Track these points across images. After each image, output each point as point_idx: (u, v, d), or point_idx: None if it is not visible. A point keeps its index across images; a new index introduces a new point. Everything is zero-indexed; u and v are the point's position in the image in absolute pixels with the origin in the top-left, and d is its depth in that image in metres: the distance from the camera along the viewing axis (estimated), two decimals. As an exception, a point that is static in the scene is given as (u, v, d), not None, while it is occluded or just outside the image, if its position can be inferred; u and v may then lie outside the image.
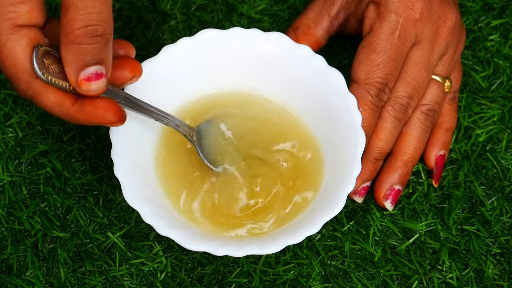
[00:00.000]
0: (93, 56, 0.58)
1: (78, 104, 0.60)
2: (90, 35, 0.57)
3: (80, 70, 0.58)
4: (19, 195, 0.72)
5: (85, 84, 0.58)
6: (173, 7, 0.81)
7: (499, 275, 0.70)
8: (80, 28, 0.56)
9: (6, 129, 0.74)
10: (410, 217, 0.72)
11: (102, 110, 0.60)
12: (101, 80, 0.59)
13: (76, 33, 0.57)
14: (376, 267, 0.70)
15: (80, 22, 0.56)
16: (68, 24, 0.56)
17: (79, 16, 0.56)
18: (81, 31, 0.57)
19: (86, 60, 0.58)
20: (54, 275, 0.69)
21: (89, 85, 0.58)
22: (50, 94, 0.59)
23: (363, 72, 0.69)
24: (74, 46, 0.57)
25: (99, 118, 0.60)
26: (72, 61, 0.58)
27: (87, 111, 0.60)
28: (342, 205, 0.63)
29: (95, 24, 0.57)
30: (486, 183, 0.74)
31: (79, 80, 0.58)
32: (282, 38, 0.69)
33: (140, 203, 0.63)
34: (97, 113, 0.60)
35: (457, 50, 0.73)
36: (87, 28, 0.57)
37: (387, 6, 0.69)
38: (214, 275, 0.69)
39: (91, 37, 0.57)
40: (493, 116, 0.76)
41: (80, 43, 0.57)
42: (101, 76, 0.59)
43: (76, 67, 0.58)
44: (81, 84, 0.58)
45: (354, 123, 0.66)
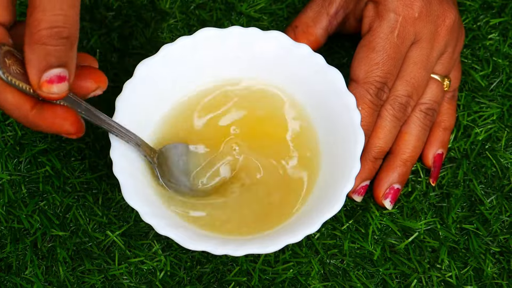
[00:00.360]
0: (57, 58, 0.56)
1: (37, 109, 0.58)
2: (55, 37, 0.56)
3: (43, 71, 0.56)
4: (18, 193, 0.72)
5: (47, 86, 0.57)
6: (172, 5, 0.81)
7: (498, 273, 0.70)
8: (46, 29, 0.55)
9: (5, 128, 0.74)
10: (409, 216, 0.72)
11: (60, 119, 0.59)
12: (64, 83, 0.57)
13: (41, 33, 0.55)
14: (375, 265, 0.70)
15: (46, 22, 0.55)
16: (34, 23, 0.55)
17: (46, 17, 0.55)
18: (47, 32, 0.55)
19: (50, 61, 0.56)
20: (53, 273, 0.69)
21: (50, 88, 0.57)
22: (8, 94, 0.58)
23: (362, 71, 0.69)
24: (39, 47, 0.56)
25: (57, 126, 0.59)
26: (36, 62, 0.56)
27: (45, 117, 0.58)
28: (341, 204, 0.63)
29: (62, 26, 0.55)
30: (485, 181, 0.74)
31: (41, 82, 0.57)
32: (281, 37, 0.69)
33: (139, 203, 0.63)
34: (55, 121, 0.58)
35: (456, 49, 0.73)
36: (53, 30, 0.55)
37: (386, 5, 0.69)
38: (213, 274, 0.69)
39: (56, 39, 0.56)
40: (492, 115, 0.76)
41: (45, 44, 0.56)
42: (64, 79, 0.57)
43: (39, 68, 0.56)
44: (43, 86, 0.57)
45: (353, 122, 0.66)
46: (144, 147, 0.66)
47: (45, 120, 0.58)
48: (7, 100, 0.58)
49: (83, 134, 0.60)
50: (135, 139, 0.65)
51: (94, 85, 0.61)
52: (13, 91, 0.58)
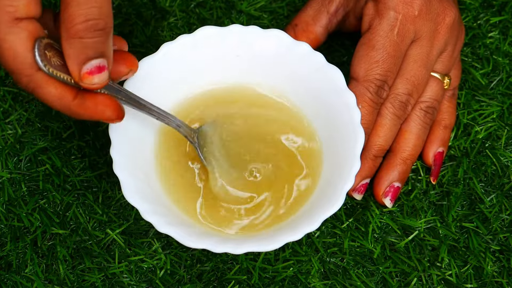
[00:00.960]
0: (95, 49, 0.58)
1: (79, 99, 0.60)
2: (91, 29, 0.57)
3: (83, 64, 0.58)
4: (19, 192, 0.72)
5: (88, 77, 0.59)
6: (172, 4, 0.81)
7: (498, 272, 0.70)
8: (82, 23, 0.57)
9: (6, 126, 0.74)
10: (409, 214, 0.72)
11: (102, 106, 0.60)
12: (103, 73, 0.59)
13: (78, 28, 0.57)
14: (375, 264, 0.70)
15: (81, 16, 0.56)
16: (70, 18, 0.57)
17: (81, 11, 0.56)
18: (83, 25, 0.57)
19: (88, 54, 0.58)
20: (53, 272, 0.69)
21: (91, 79, 0.59)
22: (51, 87, 0.59)
23: (362, 69, 0.69)
24: (76, 41, 0.57)
25: (99, 114, 0.61)
26: (74, 55, 0.58)
27: (87, 105, 0.60)
28: (341, 202, 0.63)
29: (97, 18, 0.57)
30: (485, 180, 0.74)
31: (82, 74, 0.58)
32: (281, 35, 0.69)
33: (139, 201, 0.63)
34: (97, 109, 0.60)
35: (456, 47, 0.73)
36: (88, 23, 0.57)
37: (386, 3, 0.69)
38: (213, 272, 0.69)
39: (92, 31, 0.57)
40: (492, 113, 0.76)
41: (82, 37, 0.57)
42: (103, 69, 0.59)
43: (79, 61, 0.58)
44: (84, 77, 0.59)
45: (353, 120, 0.66)
46: (184, 128, 0.67)
47: (88, 109, 0.60)
48: (51, 92, 0.59)
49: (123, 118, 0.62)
50: (175, 121, 0.66)
51: (126, 69, 0.63)
52: (56, 83, 0.59)
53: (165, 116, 0.66)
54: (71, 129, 0.74)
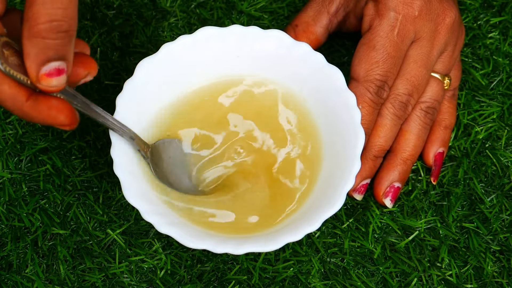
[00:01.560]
0: (56, 51, 0.56)
1: (32, 100, 0.58)
2: (55, 30, 0.55)
3: (42, 64, 0.56)
4: (19, 192, 0.72)
5: (46, 79, 0.57)
6: (172, 4, 0.81)
7: (498, 272, 0.70)
8: (45, 22, 0.55)
9: (6, 126, 0.75)
10: (410, 214, 0.72)
11: (56, 111, 0.59)
12: (62, 76, 0.57)
13: (40, 27, 0.55)
14: (376, 264, 0.70)
15: (45, 16, 0.55)
16: (34, 17, 0.55)
17: (45, 10, 0.55)
18: (46, 26, 0.55)
19: (48, 54, 0.56)
20: (54, 272, 0.69)
21: (50, 81, 0.57)
22: (5, 85, 0.57)
23: (362, 69, 0.69)
24: (38, 40, 0.56)
25: (52, 118, 0.59)
26: (35, 55, 0.56)
27: (40, 108, 0.58)
28: (341, 202, 0.63)
29: (61, 20, 0.55)
30: (485, 180, 0.74)
31: (40, 75, 0.57)
32: (282, 36, 0.69)
33: (140, 201, 0.63)
34: (50, 113, 0.58)
35: (456, 48, 0.73)
36: (52, 23, 0.55)
37: (386, 3, 0.69)
38: (214, 272, 0.70)
39: (55, 32, 0.56)
40: (492, 113, 0.76)
41: (44, 38, 0.55)
42: (62, 72, 0.57)
43: (38, 62, 0.56)
44: (42, 79, 0.57)
45: (354, 120, 0.66)
46: (138, 141, 0.66)
47: (40, 112, 0.58)
48: (4, 91, 0.58)
49: (77, 126, 0.60)
50: (129, 133, 0.65)
51: (84, 71, 0.60)
52: (10, 82, 0.57)
53: (119, 127, 0.65)
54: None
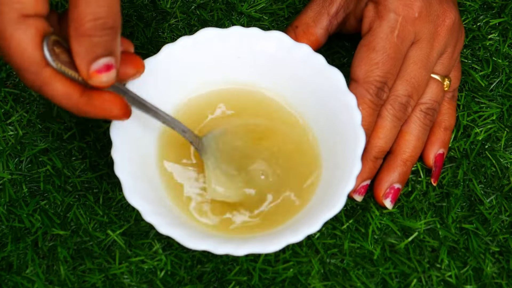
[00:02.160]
0: (104, 48, 0.58)
1: (86, 96, 0.60)
2: (100, 28, 0.57)
3: (91, 62, 0.58)
4: (19, 193, 0.72)
5: (96, 75, 0.59)
6: (173, 5, 0.81)
7: (497, 273, 0.70)
8: (91, 21, 0.57)
9: (7, 127, 0.75)
10: (409, 215, 0.72)
11: (109, 104, 0.61)
12: (112, 71, 0.59)
13: (87, 26, 0.57)
14: (375, 265, 0.70)
15: (90, 15, 0.57)
16: (79, 17, 0.57)
17: (90, 9, 0.57)
18: (92, 24, 0.57)
19: (97, 52, 0.58)
20: (54, 272, 0.69)
21: (100, 77, 0.59)
22: (58, 84, 0.59)
23: (362, 71, 0.69)
24: (85, 39, 0.57)
25: (106, 111, 0.61)
26: (83, 53, 0.58)
27: (94, 103, 0.60)
28: (342, 203, 0.63)
29: (105, 17, 0.57)
30: (485, 181, 0.74)
31: (91, 72, 0.59)
32: (282, 37, 0.69)
33: (140, 202, 0.63)
34: (104, 106, 0.61)
35: (456, 49, 0.73)
36: (97, 21, 0.57)
37: (386, 5, 0.69)
38: (214, 273, 0.70)
39: (101, 30, 0.57)
40: (492, 114, 0.77)
41: (91, 36, 0.57)
42: (111, 68, 0.59)
43: (87, 59, 0.58)
44: (92, 76, 0.59)
45: (354, 121, 0.66)
46: (189, 134, 0.67)
47: (95, 106, 0.60)
48: (58, 89, 0.59)
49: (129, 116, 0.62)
50: (180, 127, 0.66)
51: (133, 70, 0.62)
52: (63, 80, 0.59)
53: (171, 121, 0.66)
54: (72, 130, 0.74)
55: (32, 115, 0.75)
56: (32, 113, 0.75)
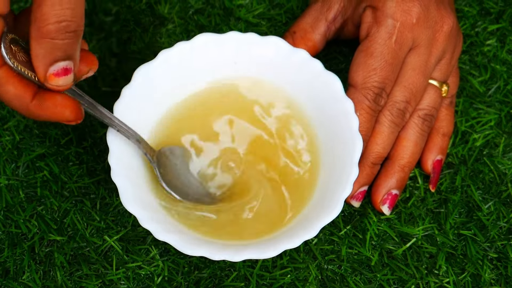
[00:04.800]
0: (64, 51, 0.57)
1: (37, 99, 0.59)
2: (63, 31, 0.56)
3: (50, 64, 0.58)
4: (16, 198, 0.72)
5: (54, 79, 0.58)
6: (170, 11, 0.81)
7: (495, 279, 0.70)
8: (54, 23, 0.56)
9: (3, 132, 0.74)
10: (407, 221, 0.72)
11: (61, 107, 0.60)
12: (69, 75, 0.59)
13: (49, 28, 0.56)
14: (373, 271, 0.70)
15: (54, 17, 0.56)
16: (42, 18, 0.56)
17: (54, 11, 0.56)
18: (55, 26, 0.56)
19: (56, 55, 0.57)
20: (51, 278, 0.69)
21: (57, 80, 0.58)
22: (10, 86, 0.58)
23: (360, 77, 0.69)
24: (46, 41, 0.56)
25: (58, 115, 0.60)
26: (42, 56, 0.57)
27: (46, 106, 0.59)
28: (339, 209, 0.63)
29: (69, 20, 0.56)
30: (483, 187, 0.74)
31: (48, 75, 0.58)
32: (279, 42, 0.69)
33: (137, 208, 0.63)
34: (56, 109, 0.60)
35: (454, 55, 0.73)
36: (61, 24, 0.56)
37: (384, 10, 0.69)
38: (211, 279, 0.69)
39: (64, 33, 0.56)
40: (490, 120, 0.77)
41: (53, 38, 0.56)
42: (69, 72, 0.58)
43: (46, 62, 0.57)
44: (50, 78, 0.58)
45: (351, 127, 0.66)
46: (144, 144, 0.66)
47: (46, 109, 0.59)
48: (9, 91, 0.59)
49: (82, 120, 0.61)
50: (135, 136, 0.66)
51: (86, 68, 0.61)
52: (15, 83, 0.58)
53: (126, 129, 0.65)
54: (69, 135, 0.74)
55: (29, 120, 0.75)
56: (29, 118, 0.75)
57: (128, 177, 0.65)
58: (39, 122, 0.75)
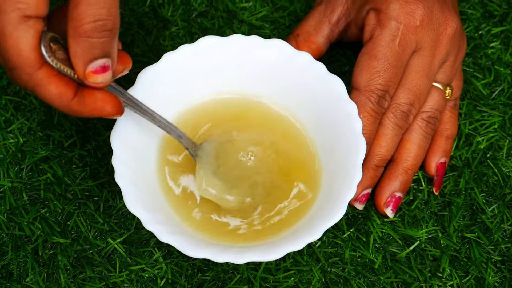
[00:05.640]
0: (102, 49, 0.59)
1: (78, 97, 0.61)
2: (100, 30, 0.58)
3: (89, 63, 0.59)
4: (20, 201, 0.72)
5: (93, 76, 0.60)
6: (174, 13, 0.81)
7: (499, 282, 0.70)
8: (90, 22, 0.58)
9: (7, 135, 0.75)
10: (411, 224, 0.72)
11: (101, 102, 0.61)
12: (108, 73, 0.60)
13: (86, 27, 0.58)
14: (377, 274, 0.70)
15: (91, 16, 0.57)
16: (79, 17, 0.57)
17: (90, 11, 0.57)
18: (92, 26, 0.58)
19: (94, 53, 0.59)
20: (54, 281, 0.69)
21: (96, 78, 0.60)
22: (52, 85, 0.60)
23: (363, 79, 0.69)
24: (84, 40, 0.58)
25: (98, 110, 0.61)
26: (81, 54, 0.59)
27: (87, 103, 0.61)
28: (343, 212, 0.63)
29: (105, 19, 0.58)
30: (486, 190, 0.74)
31: (87, 73, 0.59)
32: (283, 45, 0.69)
33: (141, 210, 0.63)
34: (96, 105, 0.61)
35: (458, 57, 0.73)
36: (97, 23, 0.58)
37: (388, 13, 0.69)
38: (214, 282, 0.69)
39: (101, 31, 0.58)
40: (494, 123, 0.76)
41: (89, 37, 0.58)
42: (108, 69, 0.60)
43: (85, 60, 0.59)
44: (89, 76, 0.60)
45: (355, 130, 0.66)
46: (185, 139, 0.67)
47: (87, 106, 0.61)
48: (50, 91, 0.60)
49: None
50: (176, 131, 0.67)
51: (121, 66, 0.63)
52: (56, 82, 0.60)
53: (167, 125, 0.66)
54: (73, 138, 0.74)
55: (33, 122, 0.75)
56: (33, 121, 0.75)
57: (131, 179, 0.65)
58: (42, 124, 0.75)
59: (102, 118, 0.74)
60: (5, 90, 0.76)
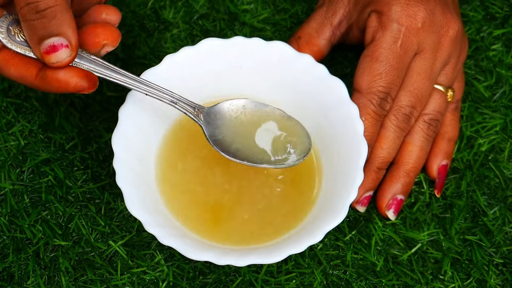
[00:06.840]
0: (45, 30, 0.58)
1: (40, 77, 0.60)
2: (33, 11, 0.58)
3: (38, 44, 0.59)
4: (21, 203, 0.72)
5: (47, 57, 0.59)
6: (175, 15, 0.81)
7: (501, 285, 0.70)
8: (24, 7, 0.58)
9: (8, 137, 0.74)
10: (412, 226, 0.72)
11: (64, 79, 0.60)
12: (61, 51, 0.59)
13: (23, 12, 0.58)
14: (378, 276, 0.70)
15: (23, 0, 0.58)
16: (17, 2, 0.58)
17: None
18: (26, 9, 0.58)
19: (39, 34, 0.59)
20: (55, 283, 0.69)
21: (49, 58, 0.59)
22: (11, 68, 0.60)
23: (365, 81, 0.69)
24: (24, 23, 0.59)
25: (63, 88, 0.60)
26: (29, 37, 0.59)
27: (49, 81, 0.60)
28: (344, 214, 0.63)
29: (36, 1, 0.58)
30: (488, 192, 0.74)
31: (41, 54, 0.59)
32: (284, 47, 0.69)
33: (142, 213, 0.63)
34: (59, 84, 0.60)
35: (459, 60, 0.73)
36: (30, 6, 0.58)
37: (389, 15, 0.69)
38: (216, 284, 0.69)
39: (34, 13, 0.58)
40: (495, 125, 0.76)
41: (27, 20, 0.58)
42: (58, 48, 0.59)
43: (33, 42, 0.59)
44: (44, 57, 0.59)
45: (357, 132, 0.66)
46: (182, 104, 0.64)
47: (51, 83, 0.60)
48: (12, 74, 0.60)
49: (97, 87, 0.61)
50: (169, 97, 0.64)
51: (102, 40, 0.61)
52: (15, 64, 0.60)
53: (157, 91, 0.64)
54: (74, 140, 0.74)
55: (34, 125, 0.75)
56: (34, 123, 0.75)
57: (133, 182, 0.65)
58: (44, 127, 0.75)
59: (103, 121, 0.74)
60: (6, 92, 0.76)
